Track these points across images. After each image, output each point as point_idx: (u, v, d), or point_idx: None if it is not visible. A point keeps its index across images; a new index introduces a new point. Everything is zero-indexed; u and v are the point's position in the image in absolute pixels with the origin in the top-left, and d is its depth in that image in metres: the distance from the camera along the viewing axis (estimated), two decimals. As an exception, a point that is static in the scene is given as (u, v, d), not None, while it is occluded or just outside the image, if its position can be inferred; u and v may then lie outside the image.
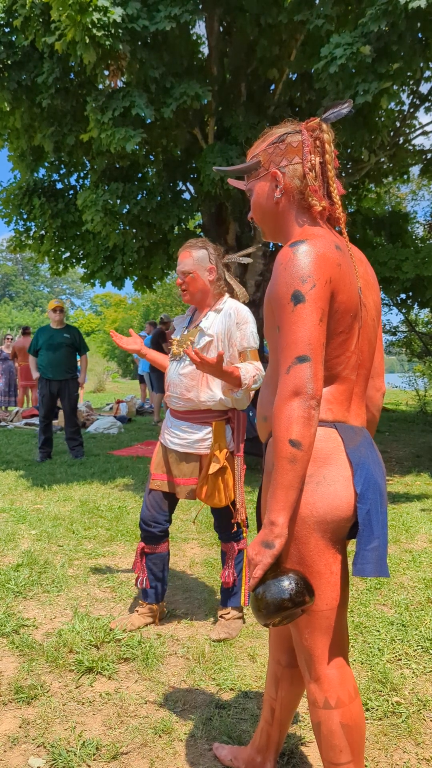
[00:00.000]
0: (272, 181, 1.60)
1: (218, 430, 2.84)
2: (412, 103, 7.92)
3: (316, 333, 1.39)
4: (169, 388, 2.93)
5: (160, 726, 2.19)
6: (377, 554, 1.44)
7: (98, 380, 23.04)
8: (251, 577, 1.42)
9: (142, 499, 5.47)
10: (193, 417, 2.88)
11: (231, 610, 3.00)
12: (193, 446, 2.88)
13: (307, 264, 1.41)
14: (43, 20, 6.48)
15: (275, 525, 1.39)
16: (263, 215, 1.65)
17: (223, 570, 3.02)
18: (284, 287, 1.42)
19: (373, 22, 5.10)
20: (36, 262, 9.85)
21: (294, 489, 1.38)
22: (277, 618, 1.41)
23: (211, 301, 2.93)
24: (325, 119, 1.55)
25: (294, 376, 1.37)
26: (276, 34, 7.12)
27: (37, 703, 2.34)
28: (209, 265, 2.86)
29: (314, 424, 1.38)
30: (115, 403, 12.67)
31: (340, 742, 1.50)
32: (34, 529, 4.55)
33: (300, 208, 1.58)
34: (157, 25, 6.00)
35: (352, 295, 1.48)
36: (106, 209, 7.39)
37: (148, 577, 3.03)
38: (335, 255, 1.45)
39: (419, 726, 2.20)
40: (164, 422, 3.07)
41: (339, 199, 1.56)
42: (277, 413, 1.39)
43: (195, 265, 2.84)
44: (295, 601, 1.38)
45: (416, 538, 4.38)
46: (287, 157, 1.57)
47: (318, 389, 1.38)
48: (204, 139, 7.87)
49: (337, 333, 1.47)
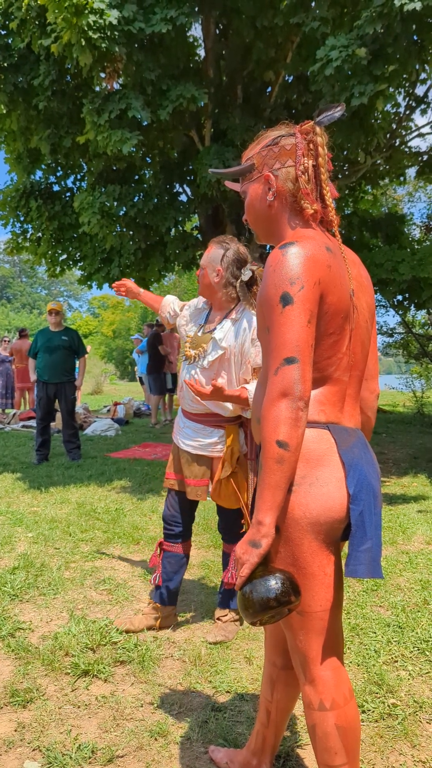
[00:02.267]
0: (265, 184, 1.60)
1: (231, 434, 2.85)
2: (407, 105, 7.95)
3: (305, 334, 1.39)
4: (182, 389, 2.93)
5: (156, 729, 2.18)
6: (370, 555, 1.44)
7: (96, 382, 23.02)
8: (239, 576, 1.43)
9: (139, 501, 5.48)
10: (207, 420, 2.88)
11: (229, 612, 3.00)
12: (206, 449, 2.89)
13: (296, 266, 1.41)
14: (39, 23, 6.49)
15: (262, 525, 1.40)
16: (256, 217, 1.65)
17: (226, 571, 3.01)
18: (273, 289, 1.42)
19: (369, 25, 5.12)
20: (33, 264, 9.86)
21: (281, 489, 1.39)
22: (264, 616, 1.42)
23: (224, 305, 2.85)
24: (318, 122, 1.55)
25: (282, 378, 1.38)
26: (272, 37, 7.14)
27: (32, 706, 2.34)
28: (218, 267, 2.76)
29: (302, 425, 1.38)
30: (113, 405, 12.66)
31: (335, 744, 1.50)
32: (31, 531, 4.54)
33: (292, 211, 1.58)
34: (153, 28, 6.01)
35: (342, 297, 1.48)
36: (103, 211, 7.40)
37: (161, 573, 3.03)
38: (325, 257, 1.45)
39: (415, 728, 2.20)
40: (177, 421, 3.06)
41: (332, 202, 1.56)
42: (265, 414, 1.40)
43: (207, 262, 2.79)
44: (280, 601, 1.39)
45: (413, 540, 4.38)
46: (280, 160, 1.57)
47: (306, 390, 1.38)
48: (200, 141, 7.89)
49: (327, 334, 1.47)
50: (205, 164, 6.99)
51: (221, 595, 3.04)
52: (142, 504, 5.38)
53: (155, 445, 8.78)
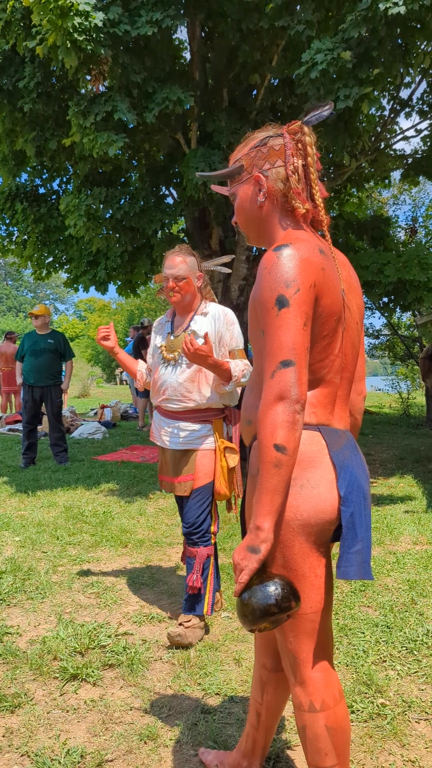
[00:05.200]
0: (255, 185, 1.60)
1: (217, 428, 2.98)
2: (392, 109, 8.00)
3: (300, 337, 1.39)
4: (165, 392, 2.97)
5: (145, 732, 2.17)
6: (361, 557, 1.44)
7: (83, 385, 22.90)
8: (237, 582, 1.42)
9: (127, 504, 5.46)
10: (193, 417, 2.96)
11: (193, 618, 2.90)
12: (194, 442, 2.96)
13: (292, 268, 1.41)
14: (24, 24, 6.46)
15: (261, 530, 1.39)
16: (247, 219, 1.65)
17: (190, 575, 2.92)
18: (268, 291, 1.42)
19: (354, 28, 5.15)
20: (19, 267, 9.81)
21: (279, 493, 1.38)
22: (263, 623, 1.39)
23: (193, 306, 3.05)
24: (306, 122, 1.55)
25: (278, 381, 1.38)
26: (257, 40, 7.15)
27: (20, 711, 2.32)
28: (198, 272, 3.01)
29: (299, 429, 1.38)
30: (100, 408, 12.61)
31: (325, 745, 1.50)
32: (18, 535, 4.51)
33: (283, 212, 1.58)
34: (139, 30, 5.99)
35: (335, 299, 1.48)
36: (89, 214, 7.38)
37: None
38: (319, 259, 1.46)
39: (404, 728, 2.20)
40: (154, 423, 3.12)
41: (322, 201, 1.56)
42: (261, 418, 1.39)
43: (189, 272, 2.96)
44: (281, 607, 1.37)
45: (400, 540, 4.40)
46: (270, 161, 1.57)
47: (302, 393, 1.38)
48: (187, 143, 7.88)
49: (321, 337, 1.48)
50: (191, 167, 6.99)
51: (186, 601, 2.96)
52: (129, 507, 5.37)
53: (143, 447, 8.76)
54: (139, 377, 3.22)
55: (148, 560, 4.01)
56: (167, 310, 3.20)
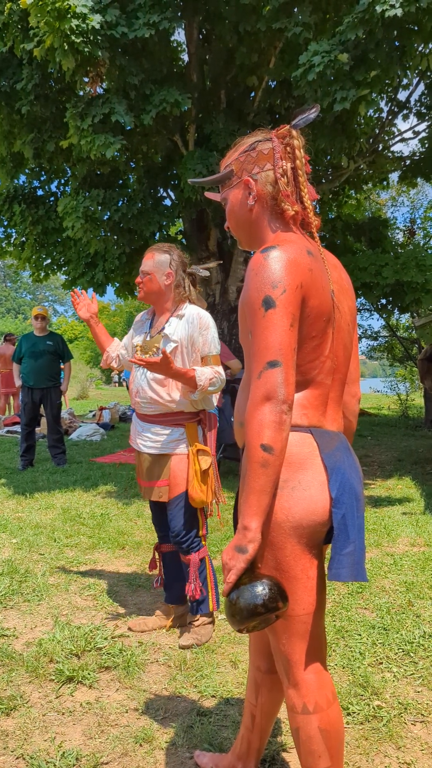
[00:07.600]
0: (245, 189, 1.60)
1: (191, 432, 2.90)
2: (390, 111, 8.02)
3: (287, 338, 1.40)
4: (138, 393, 2.94)
5: (140, 735, 2.17)
6: (353, 559, 1.44)
7: (81, 387, 22.93)
8: (225, 582, 1.42)
9: (125, 506, 5.46)
10: (166, 420, 2.90)
11: (200, 617, 2.95)
12: (168, 446, 2.89)
13: (278, 269, 1.41)
14: (21, 26, 6.47)
15: (248, 530, 1.39)
16: (237, 223, 1.66)
17: (188, 584, 2.92)
18: (255, 293, 1.42)
19: (351, 30, 5.16)
20: (17, 269, 9.82)
21: (266, 493, 1.38)
22: (251, 623, 1.40)
23: (170, 306, 2.97)
24: (294, 126, 1.56)
25: (265, 381, 1.38)
26: (255, 42, 7.17)
27: (16, 714, 2.32)
28: (168, 270, 2.90)
29: (286, 429, 1.38)
30: (98, 410, 12.61)
31: (318, 747, 1.50)
32: (15, 537, 4.51)
33: (273, 214, 1.59)
34: (136, 32, 6.02)
35: (324, 300, 1.48)
36: (87, 216, 7.39)
37: (163, 575, 3.16)
38: (307, 260, 1.46)
39: (400, 730, 2.20)
40: (133, 427, 3.08)
41: (311, 203, 1.57)
42: (248, 418, 1.39)
43: (154, 267, 2.90)
44: (268, 607, 1.37)
45: (398, 542, 4.40)
46: (259, 164, 1.58)
47: (289, 394, 1.38)
48: (184, 145, 7.90)
49: (310, 337, 1.48)
50: (189, 169, 7.00)
51: (190, 603, 2.98)
52: (127, 509, 5.37)
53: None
54: (105, 356, 3.16)
55: (145, 562, 4.01)
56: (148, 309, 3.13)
